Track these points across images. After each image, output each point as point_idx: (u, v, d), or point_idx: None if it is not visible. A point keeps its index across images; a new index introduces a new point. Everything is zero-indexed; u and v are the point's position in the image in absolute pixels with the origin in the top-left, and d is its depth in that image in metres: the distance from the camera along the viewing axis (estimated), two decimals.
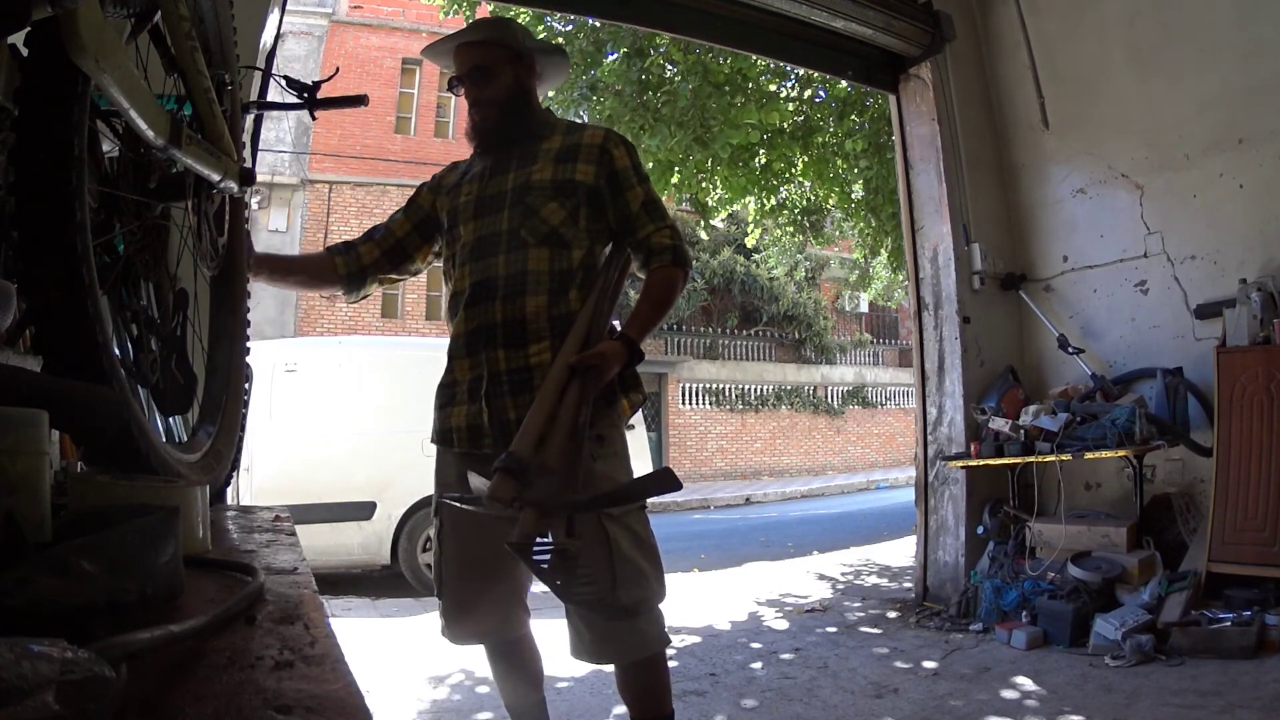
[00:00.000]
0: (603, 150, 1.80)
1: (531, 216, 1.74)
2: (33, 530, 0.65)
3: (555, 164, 1.79)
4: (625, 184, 1.81)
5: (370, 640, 4.07)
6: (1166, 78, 3.95)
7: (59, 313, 0.88)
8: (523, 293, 1.70)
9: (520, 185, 1.77)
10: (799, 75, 6.64)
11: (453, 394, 1.79)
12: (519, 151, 1.83)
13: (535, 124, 1.86)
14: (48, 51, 0.86)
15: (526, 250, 1.72)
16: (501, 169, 1.82)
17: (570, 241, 1.75)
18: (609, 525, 1.63)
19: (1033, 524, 3.91)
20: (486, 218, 1.78)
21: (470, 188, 1.84)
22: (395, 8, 14.08)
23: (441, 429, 1.82)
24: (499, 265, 1.73)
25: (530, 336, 1.69)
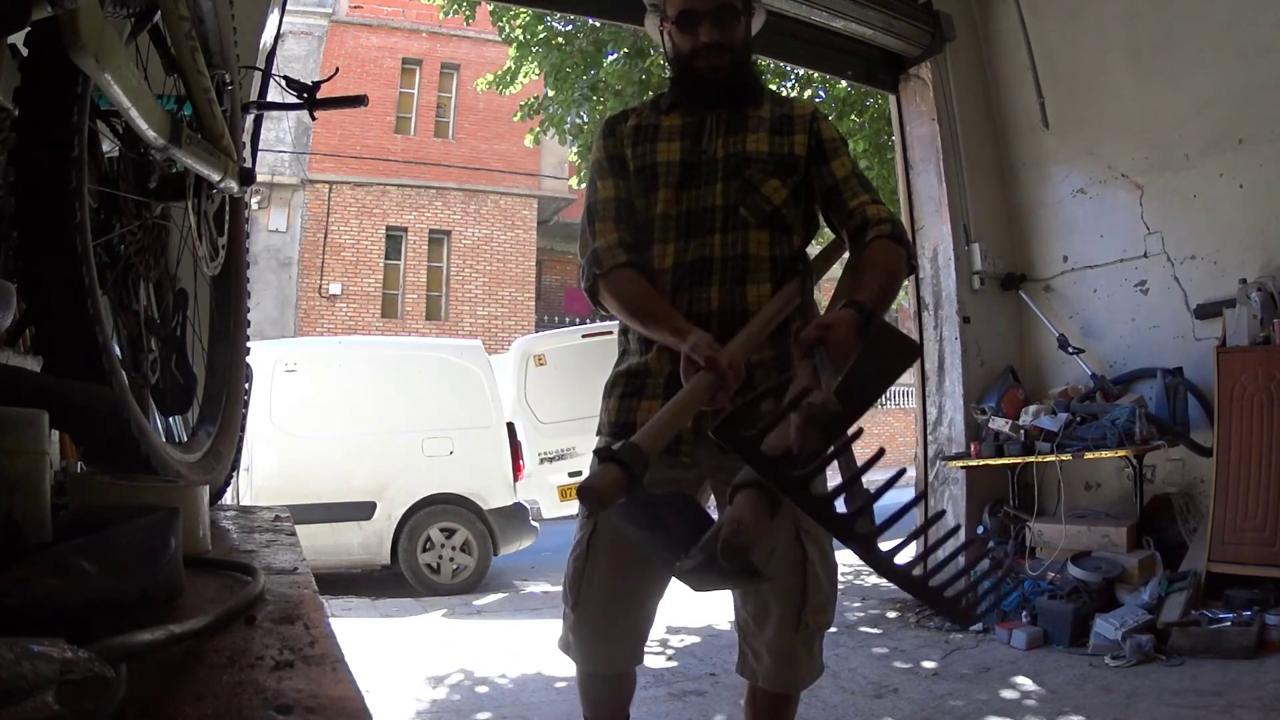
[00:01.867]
0: (812, 120, 1.61)
1: (753, 193, 1.54)
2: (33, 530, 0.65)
3: (772, 135, 1.58)
4: (833, 152, 1.60)
5: (370, 640, 4.07)
6: (1166, 78, 3.95)
7: (59, 313, 0.88)
8: (743, 279, 1.50)
9: (735, 154, 1.56)
10: (799, 75, 6.64)
11: (642, 385, 1.54)
12: (726, 114, 1.60)
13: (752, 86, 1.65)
14: (48, 51, 0.86)
15: (747, 231, 1.52)
16: (707, 131, 1.59)
17: (792, 225, 1.56)
18: (806, 542, 1.47)
19: (1033, 524, 3.91)
20: (696, 188, 1.56)
21: (668, 146, 1.60)
22: (395, 8, 14.07)
23: (620, 421, 1.53)
24: (714, 245, 1.52)
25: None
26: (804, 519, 1.45)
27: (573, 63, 6.12)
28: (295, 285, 12.85)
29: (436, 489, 5.92)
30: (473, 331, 12.63)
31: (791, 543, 1.46)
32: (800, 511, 1.38)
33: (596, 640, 1.57)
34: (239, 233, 1.58)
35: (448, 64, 14.31)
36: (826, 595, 1.50)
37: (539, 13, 6.05)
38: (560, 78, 6.25)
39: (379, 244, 13.51)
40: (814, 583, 1.47)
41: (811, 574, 1.47)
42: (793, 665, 1.51)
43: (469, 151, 14.11)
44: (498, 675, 3.33)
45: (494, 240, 14.17)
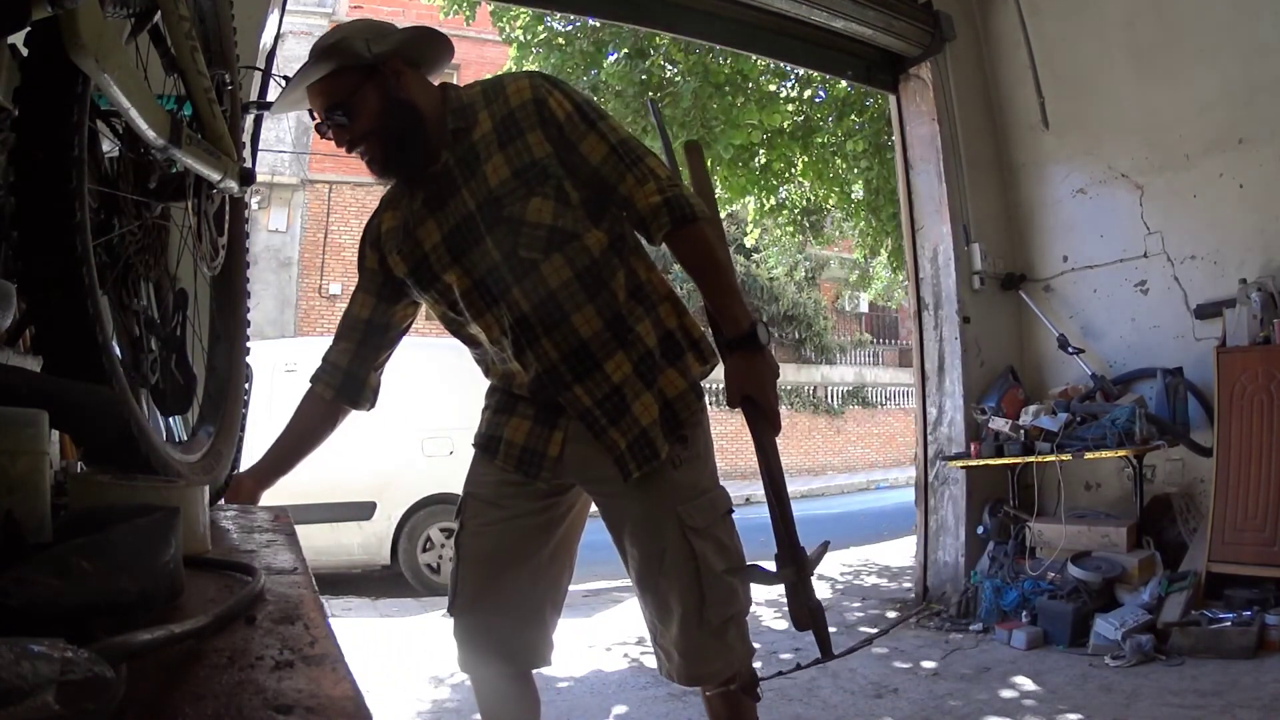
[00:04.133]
0: (538, 105, 1.44)
1: (520, 229, 1.43)
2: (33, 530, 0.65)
3: (504, 151, 1.44)
4: (575, 135, 1.44)
5: (370, 640, 4.07)
6: (1166, 78, 3.95)
7: (59, 313, 0.88)
8: (564, 316, 1.43)
9: (484, 201, 1.44)
10: (799, 75, 6.64)
11: (513, 403, 1.55)
12: (451, 157, 1.47)
13: (452, 119, 1.47)
14: (48, 51, 0.86)
15: (538, 268, 1.43)
16: (448, 190, 1.47)
17: (578, 230, 1.44)
18: (695, 540, 1.45)
19: (1033, 524, 3.91)
20: (469, 255, 1.46)
21: (426, 230, 1.50)
22: (395, 8, 14.05)
23: (489, 435, 1.57)
24: (519, 301, 1.44)
25: (599, 355, 1.45)
26: (689, 516, 1.46)
27: (573, 63, 6.12)
28: (295, 285, 12.86)
29: (436, 489, 5.91)
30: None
31: (680, 543, 1.45)
32: (684, 509, 1.45)
33: (473, 632, 1.55)
34: (239, 233, 1.58)
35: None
36: (727, 586, 1.47)
37: (539, 13, 6.05)
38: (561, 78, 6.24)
39: None
40: (709, 578, 1.45)
41: (705, 569, 1.45)
42: (704, 660, 1.49)
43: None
44: None
45: None
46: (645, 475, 1.45)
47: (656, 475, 1.46)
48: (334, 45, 1.42)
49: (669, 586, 1.46)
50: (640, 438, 1.45)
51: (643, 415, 1.45)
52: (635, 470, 1.45)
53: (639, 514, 1.49)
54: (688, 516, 1.46)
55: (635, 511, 1.49)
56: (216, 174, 1.22)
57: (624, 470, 1.46)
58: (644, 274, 1.54)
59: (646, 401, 1.46)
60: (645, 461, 1.45)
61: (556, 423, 1.50)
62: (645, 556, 1.49)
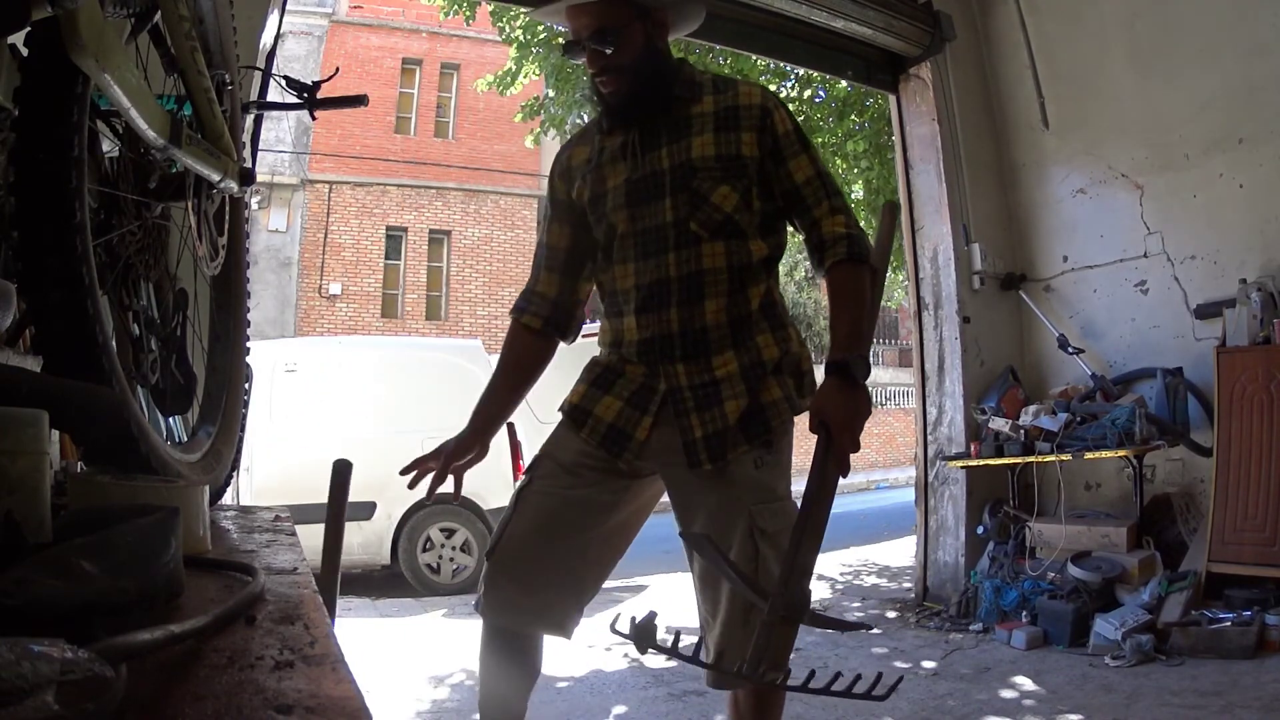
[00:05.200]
0: (764, 112, 1.52)
1: (702, 205, 1.49)
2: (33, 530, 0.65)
3: (717, 134, 1.52)
4: (789, 151, 1.53)
5: (370, 640, 4.07)
6: (1166, 78, 3.95)
7: (59, 313, 0.88)
8: (700, 296, 1.49)
9: (681, 164, 1.51)
10: (799, 75, 6.64)
11: (612, 382, 1.57)
12: (666, 119, 1.54)
13: (679, 87, 1.56)
14: (48, 51, 0.86)
15: (700, 245, 1.49)
16: (650, 142, 1.54)
17: (747, 231, 1.51)
18: (761, 543, 1.46)
19: (1033, 524, 3.91)
20: (644, 206, 1.52)
21: (614, 169, 1.56)
22: (395, 8, 14.07)
23: (580, 407, 1.58)
24: (669, 265, 1.50)
25: (713, 347, 1.50)
26: (760, 518, 1.47)
27: (573, 63, 6.12)
28: (295, 285, 12.86)
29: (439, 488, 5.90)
30: (473, 331, 12.63)
31: (746, 542, 1.46)
32: (757, 510, 1.47)
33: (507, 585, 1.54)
34: (239, 233, 1.58)
35: (448, 64, 14.31)
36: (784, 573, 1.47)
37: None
38: (561, 78, 6.26)
39: (379, 244, 13.51)
40: (766, 583, 1.45)
41: (764, 573, 1.45)
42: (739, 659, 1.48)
43: (469, 152, 14.11)
44: None
45: (494, 240, 14.17)
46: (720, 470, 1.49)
47: (737, 472, 1.49)
48: None
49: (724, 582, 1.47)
50: (720, 434, 1.49)
51: (732, 413, 1.49)
52: (705, 462, 1.48)
53: (713, 506, 1.50)
54: (759, 517, 1.47)
55: (710, 503, 1.50)
56: (216, 174, 1.22)
57: (691, 457, 1.49)
58: (779, 300, 1.61)
59: (742, 403, 1.50)
60: (717, 457, 1.48)
61: (648, 408, 1.52)
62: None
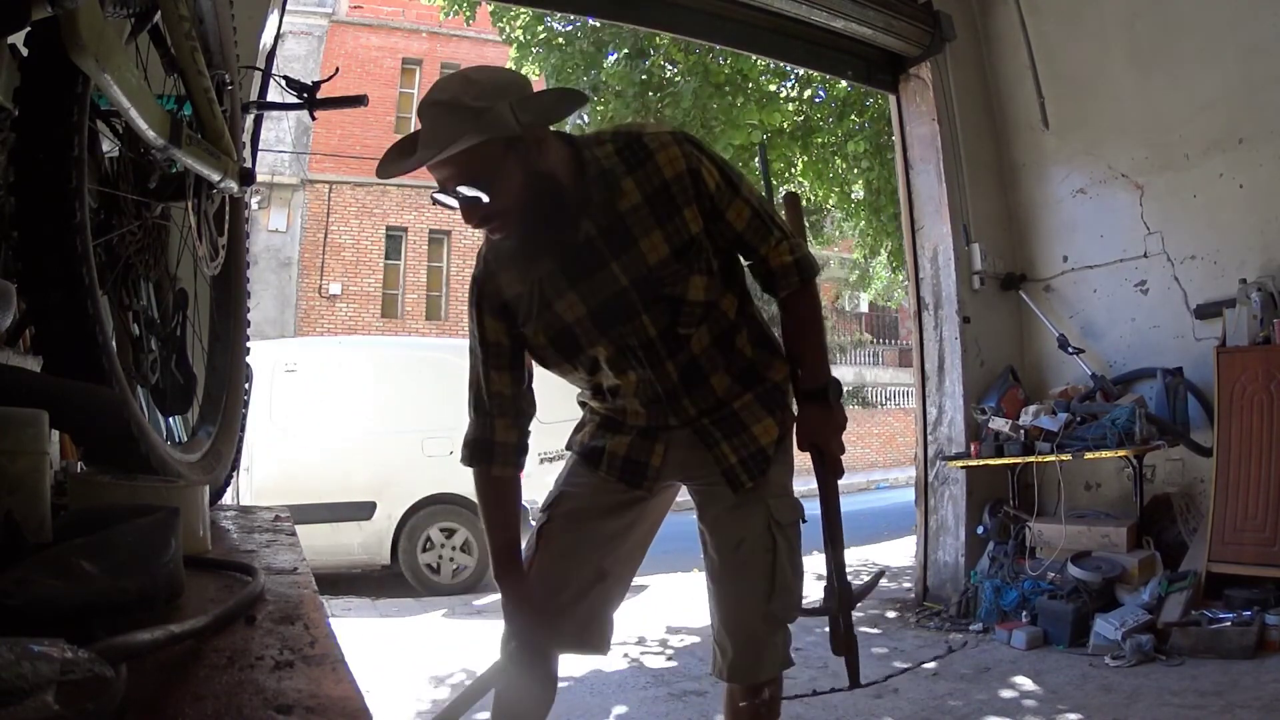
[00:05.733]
0: (693, 177, 1.40)
1: (680, 308, 1.43)
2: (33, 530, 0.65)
3: (661, 226, 1.39)
4: (724, 203, 1.45)
5: (370, 640, 4.07)
6: (1166, 78, 3.95)
7: (59, 313, 0.88)
8: (704, 378, 1.50)
9: (640, 279, 1.40)
10: (799, 75, 6.64)
11: (618, 424, 1.58)
12: (594, 226, 1.38)
13: (590, 188, 1.38)
14: (48, 51, 0.86)
15: (689, 342, 1.46)
16: (593, 261, 1.40)
17: (719, 299, 1.48)
18: (777, 534, 1.51)
19: (1033, 524, 3.91)
20: (619, 327, 1.43)
21: (565, 302, 1.43)
22: (395, 8, 14.07)
23: (592, 446, 1.59)
24: (670, 372, 1.47)
25: (728, 398, 1.53)
26: (777, 510, 1.53)
27: (573, 64, 6.12)
28: (295, 285, 12.85)
29: (436, 489, 5.91)
30: None
31: (762, 532, 1.51)
32: (774, 503, 1.52)
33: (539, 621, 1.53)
34: (239, 233, 1.58)
35: (448, 64, 14.29)
36: (789, 585, 1.54)
37: (539, 13, 6.05)
38: (561, 79, 6.25)
39: (379, 244, 13.51)
40: (780, 572, 1.51)
41: (779, 564, 1.51)
42: (756, 654, 1.54)
43: None
44: None
45: None
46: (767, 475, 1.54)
47: None
48: (473, 112, 1.23)
49: (739, 575, 1.52)
50: (757, 454, 1.53)
51: (762, 435, 1.54)
52: (747, 481, 1.52)
53: (732, 500, 1.54)
54: (776, 510, 1.53)
55: (729, 497, 1.54)
56: (216, 174, 1.22)
57: (734, 482, 1.52)
58: (760, 318, 1.60)
59: (768, 425, 1.54)
60: (758, 474, 1.53)
61: (657, 437, 1.56)
62: (724, 544, 1.54)
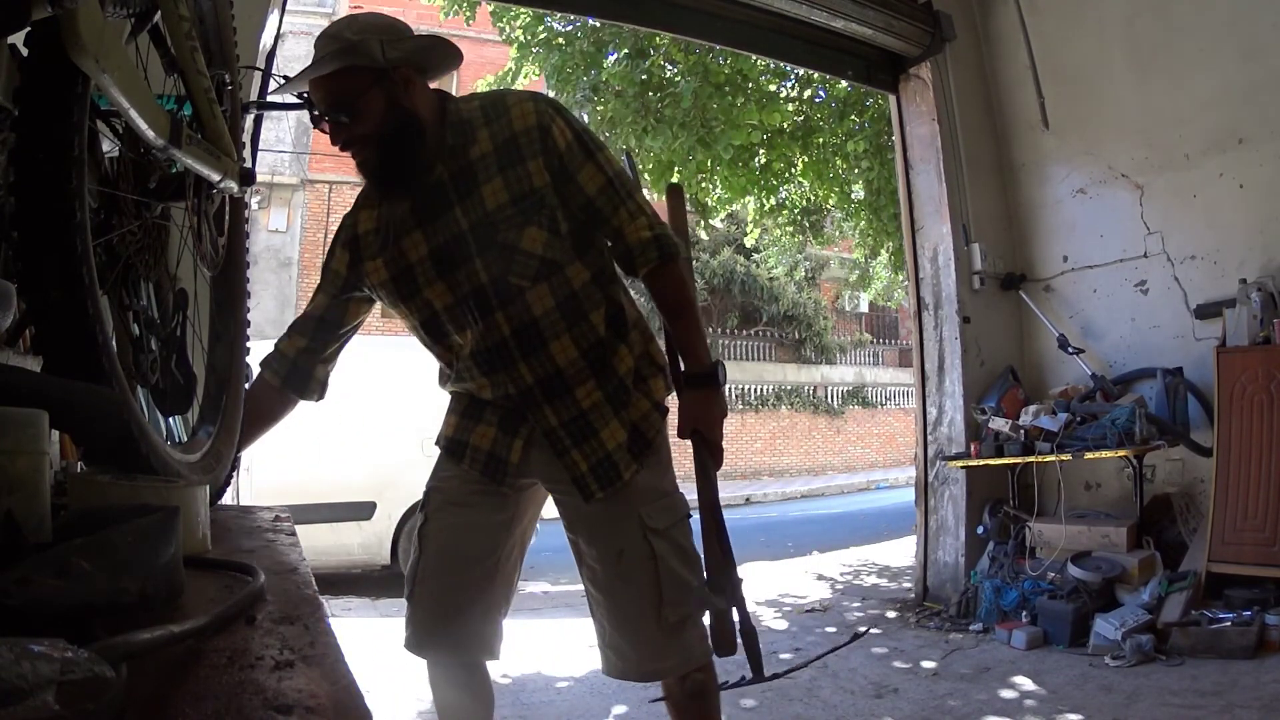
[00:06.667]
0: (542, 132, 1.45)
1: (514, 255, 1.44)
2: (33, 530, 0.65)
3: (504, 174, 1.45)
4: (574, 165, 1.47)
5: (370, 640, 4.07)
6: (1166, 78, 3.95)
7: (59, 313, 0.88)
8: (543, 344, 1.46)
9: (479, 221, 1.44)
10: (799, 75, 6.64)
11: (479, 410, 1.56)
12: (446, 171, 1.46)
13: (449, 133, 1.47)
14: (48, 51, 0.86)
15: (525, 296, 1.45)
16: (440, 202, 1.46)
17: (563, 261, 1.47)
18: (655, 541, 1.48)
19: (1033, 524, 3.91)
20: (457, 272, 1.46)
21: (411, 240, 1.49)
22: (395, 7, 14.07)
23: (457, 439, 1.58)
24: (500, 324, 1.46)
25: (572, 383, 1.48)
26: (650, 517, 1.50)
27: (573, 64, 6.12)
28: (295, 285, 12.85)
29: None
30: None
31: (640, 541, 1.48)
32: (645, 510, 1.50)
33: (429, 622, 1.56)
34: (239, 233, 1.57)
35: None
36: (684, 584, 1.51)
37: (539, 13, 6.05)
38: (561, 79, 6.25)
39: None
40: (668, 577, 1.49)
41: (664, 569, 1.48)
42: (661, 656, 1.52)
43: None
44: (498, 675, 3.32)
45: None
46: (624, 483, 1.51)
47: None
48: (348, 44, 1.39)
49: (625, 586, 1.50)
50: (604, 461, 1.50)
51: (609, 440, 1.51)
52: (597, 491, 1.51)
53: (599, 514, 1.52)
54: (649, 517, 1.50)
55: (595, 511, 1.52)
56: (216, 174, 1.22)
57: (584, 491, 1.51)
58: (623, 303, 1.57)
59: (614, 428, 1.51)
60: (608, 483, 1.50)
61: (518, 430, 1.53)
62: (603, 556, 1.52)
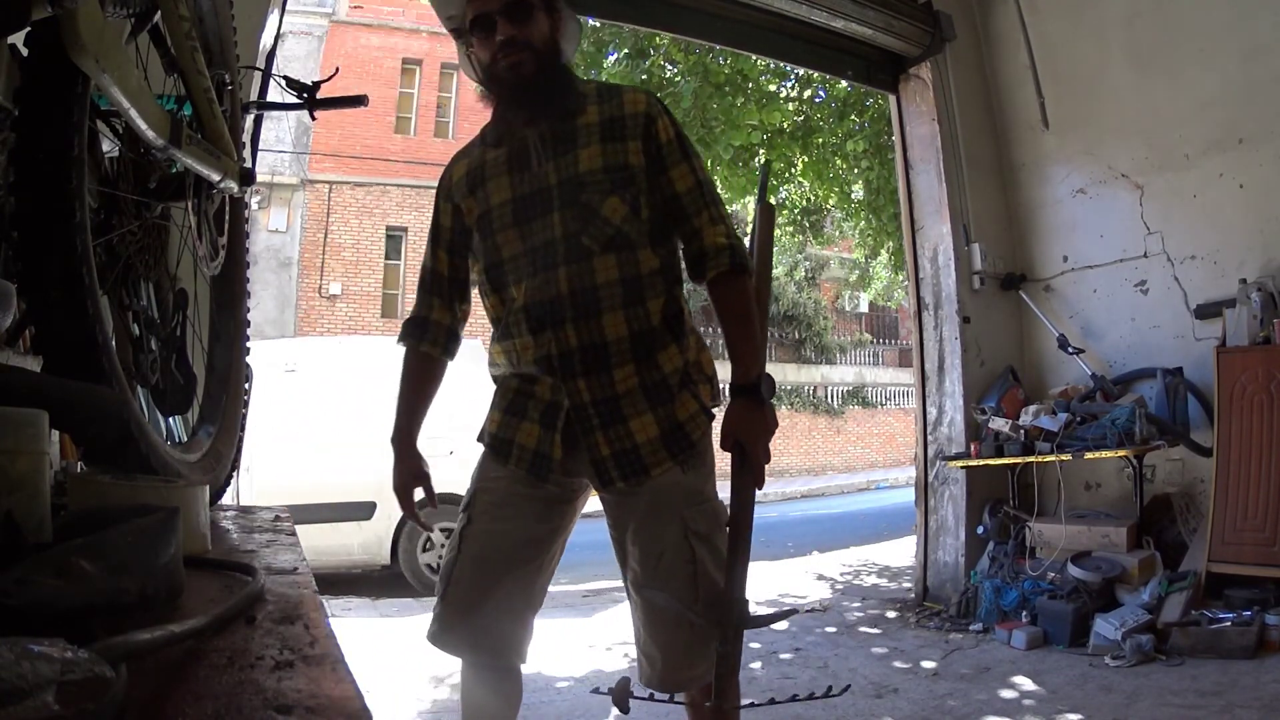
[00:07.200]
0: (648, 120, 1.52)
1: (592, 218, 1.47)
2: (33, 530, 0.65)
3: (604, 145, 1.50)
4: (670, 160, 1.53)
5: (370, 640, 4.07)
6: (1166, 78, 3.95)
7: (59, 313, 0.88)
8: (597, 312, 1.46)
9: (568, 179, 1.49)
10: (799, 75, 6.64)
11: (525, 407, 1.54)
12: (550, 130, 1.52)
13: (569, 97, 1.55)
14: (48, 51, 0.86)
15: (591, 260, 1.46)
16: (536, 156, 1.52)
17: (636, 242, 1.49)
18: (696, 544, 1.47)
19: (1033, 524, 3.91)
20: (533, 222, 1.50)
21: (499, 184, 1.54)
22: (395, 8, 14.07)
23: (501, 437, 1.57)
24: (561, 281, 1.46)
25: (614, 360, 1.47)
26: (693, 520, 1.48)
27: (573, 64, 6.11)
28: (295, 285, 12.86)
29: (437, 489, 5.90)
30: (472, 331, 12.56)
31: (680, 543, 1.47)
32: (689, 513, 1.48)
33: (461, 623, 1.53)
34: (239, 233, 1.58)
35: (448, 64, 14.30)
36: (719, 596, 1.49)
37: None
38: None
39: (379, 244, 13.52)
40: (705, 581, 1.47)
41: (701, 573, 1.47)
42: (688, 663, 1.51)
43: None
44: None
45: None
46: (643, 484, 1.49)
47: (664, 479, 1.49)
48: None
49: (664, 588, 1.48)
50: (630, 452, 1.48)
51: (639, 432, 1.49)
52: (618, 480, 1.48)
53: (644, 513, 1.51)
54: (692, 520, 1.49)
55: (641, 510, 1.51)
56: (216, 174, 1.22)
57: (602, 477, 1.49)
58: (684, 306, 1.58)
59: (647, 421, 1.49)
60: (630, 475, 1.48)
61: (556, 424, 1.51)
62: (645, 556, 1.51)
